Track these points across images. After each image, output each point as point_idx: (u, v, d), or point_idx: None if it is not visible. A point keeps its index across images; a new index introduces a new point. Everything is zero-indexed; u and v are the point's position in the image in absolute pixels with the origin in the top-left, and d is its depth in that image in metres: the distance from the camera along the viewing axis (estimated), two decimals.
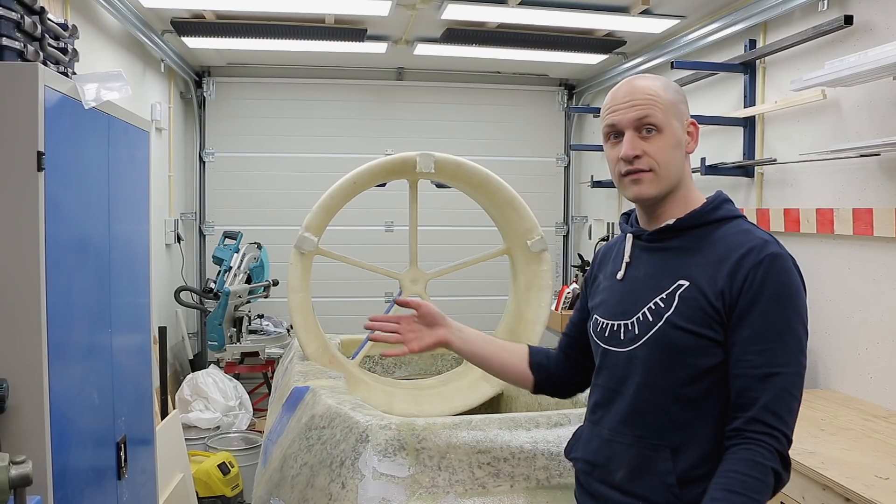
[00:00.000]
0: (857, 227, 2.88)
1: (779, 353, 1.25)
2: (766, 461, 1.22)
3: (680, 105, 1.40)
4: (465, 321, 1.81)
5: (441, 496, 1.71)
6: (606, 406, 1.44)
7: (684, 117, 1.40)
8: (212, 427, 4.22)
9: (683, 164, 1.41)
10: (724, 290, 1.29)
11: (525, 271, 2.87)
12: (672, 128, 1.37)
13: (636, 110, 1.36)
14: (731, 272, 1.29)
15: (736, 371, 1.27)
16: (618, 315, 1.43)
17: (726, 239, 1.34)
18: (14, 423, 1.80)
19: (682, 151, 1.39)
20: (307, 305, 2.67)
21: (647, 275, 1.41)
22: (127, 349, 2.62)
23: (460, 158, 2.78)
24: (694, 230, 1.38)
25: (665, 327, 1.32)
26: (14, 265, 1.82)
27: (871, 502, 1.88)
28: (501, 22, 4.23)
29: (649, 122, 1.35)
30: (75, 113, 2.07)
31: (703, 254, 1.34)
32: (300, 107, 5.77)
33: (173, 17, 4.23)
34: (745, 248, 1.30)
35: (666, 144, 1.36)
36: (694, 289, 1.31)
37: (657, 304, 1.35)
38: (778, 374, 1.24)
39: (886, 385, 2.77)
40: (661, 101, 1.36)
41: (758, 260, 1.28)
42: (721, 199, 1.42)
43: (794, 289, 1.29)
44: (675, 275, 1.35)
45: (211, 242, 5.61)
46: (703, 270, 1.32)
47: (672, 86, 1.41)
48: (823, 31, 3.02)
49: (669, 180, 1.38)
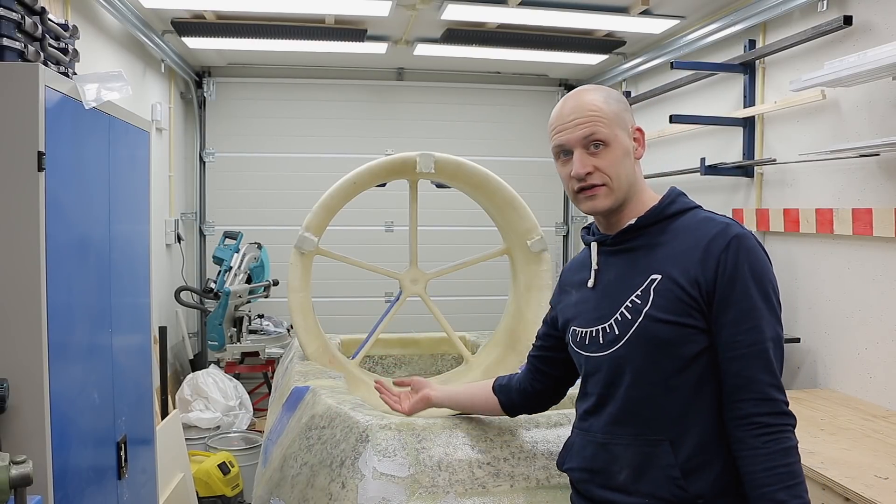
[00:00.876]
0: (857, 227, 2.88)
1: (764, 328, 1.30)
2: (793, 440, 1.27)
3: (623, 114, 1.44)
4: (466, 321, 1.83)
5: (441, 496, 1.72)
6: (598, 411, 1.44)
7: (629, 125, 1.45)
8: (212, 427, 4.22)
9: (634, 170, 1.44)
10: (697, 277, 1.32)
11: (525, 271, 2.87)
12: (618, 139, 1.41)
13: (582, 128, 1.40)
14: (702, 260, 1.32)
15: (729, 354, 1.30)
16: (594, 321, 1.45)
17: (689, 228, 1.38)
18: (14, 423, 1.81)
19: (630, 159, 1.43)
20: (307, 305, 2.67)
21: (617, 277, 1.43)
22: (127, 349, 2.62)
23: (460, 158, 2.78)
24: (654, 226, 1.42)
25: (645, 322, 1.35)
26: (14, 265, 1.82)
27: (870, 502, 1.88)
28: (501, 22, 4.23)
29: (596, 138, 1.39)
30: (76, 113, 2.07)
31: (668, 246, 1.38)
32: (300, 107, 5.77)
33: (174, 17, 4.23)
34: (711, 234, 1.34)
35: (615, 157, 1.40)
36: (667, 280, 1.34)
37: (633, 301, 1.37)
38: (768, 348, 1.29)
39: (886, 385, 2.78)
40: (605, 114, 1.40)
41: (725, 243, 1.32)
42: (675, 193, 1.46)
43: (763, 263, 1.33)
44: (646, 270, 1.38)
45: (211, 242, 5.61)
46: (672, 261, 1.35)
47: (613, 95, 1.45)
48: (823, 31, 3.02)
49: (622, 190, 1.42)
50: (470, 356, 2.93)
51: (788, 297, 3.35)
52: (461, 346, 2.91)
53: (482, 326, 3.59)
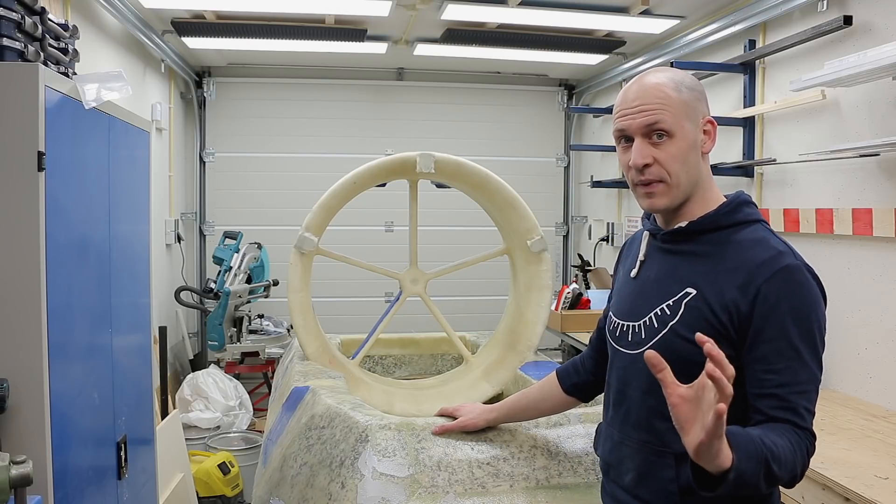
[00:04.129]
0: (857, 227, 2.88)
1: (799, 370, 1.20)
2: (804, 447, 1.18)
3: (694, 104, 1.31)
4: (466, 321, 1.84)
5: (441, 496, 1.71)
6: (616, 407, 1.43)
7: (699, 116, 1.32)
8: (212, 427, 4.22)
9: (699, 166, 1.33)
10: (732, 304, 1.24)
11: (525, 271, 2.87)
12: (684, 131, 1.29)
13: (644, 116, 1.29)
14: (742, 286, 1.24)
15: (755, 391, 1.22)
16: (627, 315, 1.41)
17: (739, 247, 1.28)
18: (14, 423, 1.81)
19: (697, 153, 1.32)
20: (307, 305, 2.67)
21: (657, 277, 1.37)
22: (127, 349, 2.62)
23: (460, 158, 2.78)
24: (707, 234, 1.32)
25: (669, 335, 1.30)
26: (14, 265, 1.82)
27: (870, 502, 1.88)
28: (501, 22, 4.23)
29: (659, 127, 1.28)
30: (76, 113, 2.07)
31: (713, 261, 1.29)
32: (300, 107, 5.77)
33: (174, 17, 4.23)
34: (757, 261, 1.24)
35: (678, 150, 1.29)
36: (699, 298, 1.27)
37: (663, 310, 1.32)
38: (802, 392, 1.20)
39: (886, 385, 2.78)
40: (672, 103, 1.29)
41: (770, 273, 1.22)
42: (738, 200, 1.35)
43: (810, 302, 1.23)
44: (684, 281, 1.31)
45: (211, 242, 5.61)
46: (711, 280, 1.28)
47: (686, 82, 1.32)
48: (823, 31, 3.02)
49: (682, 188, 1.31)
50: (470, 356, 2.93)
51: None
52: (461, 346, 2.91)
53: (482, 326, 3.59)
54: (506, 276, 3.09)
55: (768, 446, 1.10)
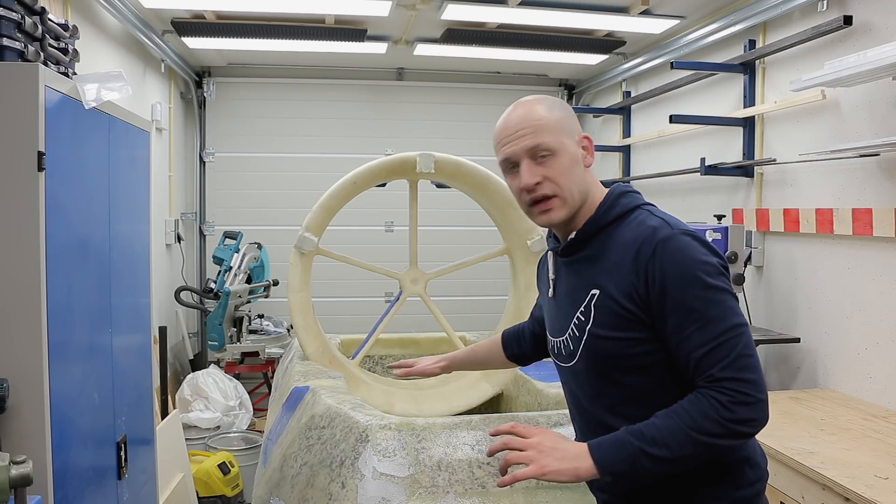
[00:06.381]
0: (857, 227, 2.88)
1: (707, 330, 1.23)
2: (707, 405, 1.20)
3: (568, 121, 1.40)
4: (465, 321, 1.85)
5: (441, 496, 1.72)
6: (579, 419, 1.49)
7: (574, 133, 1.41)
8: (212, 427, 4.22)
9: (584, 178, 1.40)
10: (633, 289, 1.29)
11: (525, 271, 2.87)
12: (565, 147, 1.37)
13: (527, 139, 1.37)
14: (634, 271, 1.29)
15: (681, 362, 1.27)
16: (556, 332, 1.48)
17: (622, 237, 1.34)
18: (14, 423, 1.81)
19: (580, 167, 1.39)
20: (307, 305, 2.67)
21: (567, 290, 1.43)
22: (127, 349, 2.62)
23: (460, 158, 2.78)
24: (596, 236, 1.39)
25: (590, 340, 1.35)
26: (14, 265, 1.82)
27: (870, 502, 1.88)
28: (501, 22, 4.23)
29: (543, 147, 1.36)
30: (76, 113, 2.07)
31: (605, 258, 1.35)
32: (300, 107, 5.77)
33: (173, 17, 4.23)
34: (637, 243, 1.30)
35: (562, 165, 1.36)
36: (604, 296, 1.33)
37: (578, 318, 1.38)
38: (716, 346, 1.22)
39: (886, 385, 2.77)
40: (549, 122, 1.37)
41: (651, 251, 1.27)
42: (613, 195, 1.41)
43: (691, 262, 1.26)
44: (588, 285, 1.37)
45: (211, 242, 5.61)
46: (608, 275, 1.33)
47: (556, 104, 1.42)
48: (823, 31, 3.02)
49: (574, 200, 1.38)
50: None
51: (788, 296, 3.35)
52: (461, 346, 2.91)
53: (482, 326, 3.59)
54: (506, 276, 3.09)
55: (637, 432, 1.22)
